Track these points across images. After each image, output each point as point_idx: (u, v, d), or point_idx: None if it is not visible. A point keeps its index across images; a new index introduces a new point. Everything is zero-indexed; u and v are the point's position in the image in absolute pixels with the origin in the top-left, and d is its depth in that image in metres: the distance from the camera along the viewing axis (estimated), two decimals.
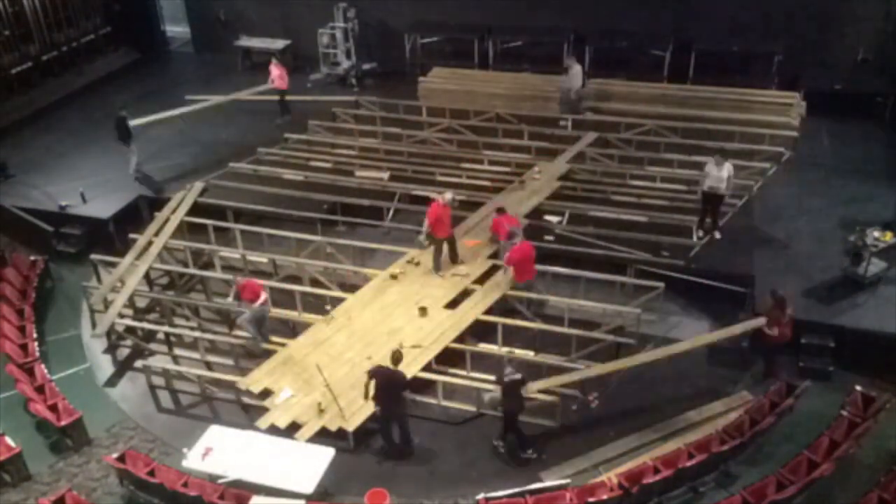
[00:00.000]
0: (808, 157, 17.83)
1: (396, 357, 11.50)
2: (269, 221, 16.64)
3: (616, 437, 12.01)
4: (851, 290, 13.68)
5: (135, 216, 17.14)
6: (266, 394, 12.49)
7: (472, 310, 13.81)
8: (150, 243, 15.85)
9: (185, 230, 16.53)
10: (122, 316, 14.74)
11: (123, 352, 14.32)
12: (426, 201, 16.81)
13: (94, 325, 14.87)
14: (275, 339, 13.86)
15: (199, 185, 17.45)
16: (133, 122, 18.09)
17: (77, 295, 15.57)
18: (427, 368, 12.86)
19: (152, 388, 13.35)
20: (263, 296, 13.51)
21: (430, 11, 22.35)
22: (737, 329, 12.90)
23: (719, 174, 14.72)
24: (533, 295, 14.15)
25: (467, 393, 12.66)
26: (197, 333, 14.29)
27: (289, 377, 12.63)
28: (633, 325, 13.69)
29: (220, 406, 12.91)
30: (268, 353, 13.34)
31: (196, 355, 13.86)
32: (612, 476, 10.99)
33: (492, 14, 21.95)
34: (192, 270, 15.58)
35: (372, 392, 11.46)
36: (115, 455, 11.38)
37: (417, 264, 14.91)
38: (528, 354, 13.24)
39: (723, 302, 14.19)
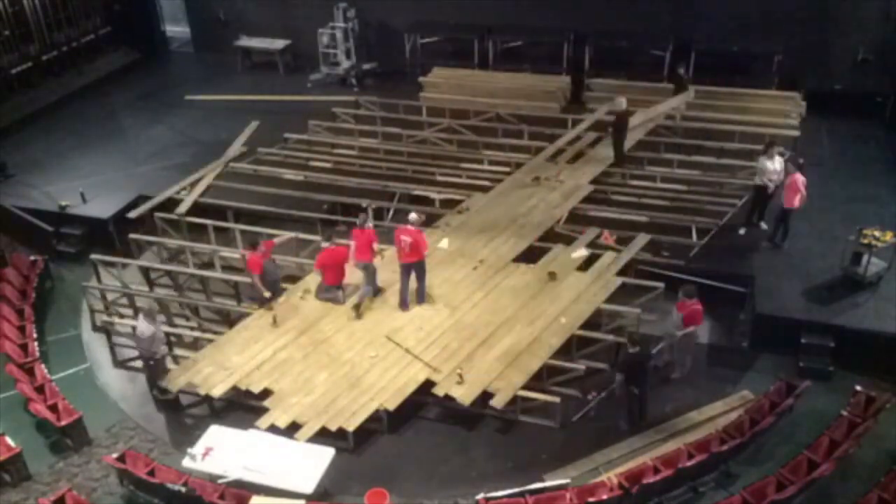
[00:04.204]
0: (808, 157, 17.77)
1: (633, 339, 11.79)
2: (269, 221, 16.64)
3: (617, 437, 12.01)
4: (851, 290, 13.67)
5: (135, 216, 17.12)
6: (266, 393, 12.48)
7: (473, 310, 13.82)
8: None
9: (185, 230, 16.55)
10: (122, 316, 14.78)
11: (123, 352, 14.33)
12: (426, 201, 16.88)
13: (93, 325, 14.93)
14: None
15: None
16: None
17: (77, 295, 15.59)
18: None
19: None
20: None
21: (430, 11, 22.35)
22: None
23: (774, 167, 14.82)
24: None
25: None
26: (197, 333, 14.29)
27: (288, 378, 12.62)
28: (633, 325, 13.70)
29: (220, 406, 12.89)
30: None
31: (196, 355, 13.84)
32: (612, 476, 10.99)
33: (492, 14, 21.94)
34: (192, 270, 15.58)
35: None
36: (115, 455, 11.38)
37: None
38: None
39: (723, 302, 14.20)
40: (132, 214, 16.74)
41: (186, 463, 11.26)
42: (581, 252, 14.87)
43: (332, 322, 13.68)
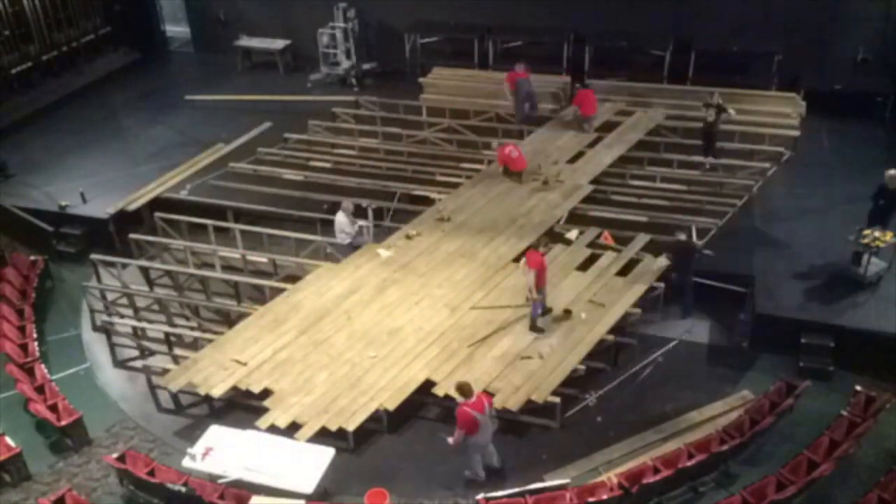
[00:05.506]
0: (808, 157, 17.83)
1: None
2: (269, 221, 16.64)
3: (617, 437, 12.02)
4: (851, 290, 13.67)
5: (135, 216, 17.12)
6: (266, 393, 12.48)
7: (473, 310, 13.81)
8: None
9: (185, 230, 16.55)
10: (122, 316, 14.77)
11: (123, 352, 14.33)
12: (426, 201, 16.87)
13: (93, 325, 14.94)
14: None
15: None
16: None
17: (77, 295, 15.60)
18: None
19: (152, 388, 13.34)
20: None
21: (430, 11, 22.35)
22: None
23: None
24: None
25: None
26: (197, 333, 14.29)
27: (288, 378, 12.62)
28: (633, 325, 13.69)
29: (220, 406, 12.90)
30: None
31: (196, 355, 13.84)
32: (612, 476, 10.99)
33: (492, 14, 21.94)
34: (191, 270, 15.58)
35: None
36: (115, 455, 11.38)
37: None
38: None
39: (723, 302, 14.19)
40: (132, 207, 16.85)
41: (186, 463, 11.26)
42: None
43: (332, 322, 13.68)
